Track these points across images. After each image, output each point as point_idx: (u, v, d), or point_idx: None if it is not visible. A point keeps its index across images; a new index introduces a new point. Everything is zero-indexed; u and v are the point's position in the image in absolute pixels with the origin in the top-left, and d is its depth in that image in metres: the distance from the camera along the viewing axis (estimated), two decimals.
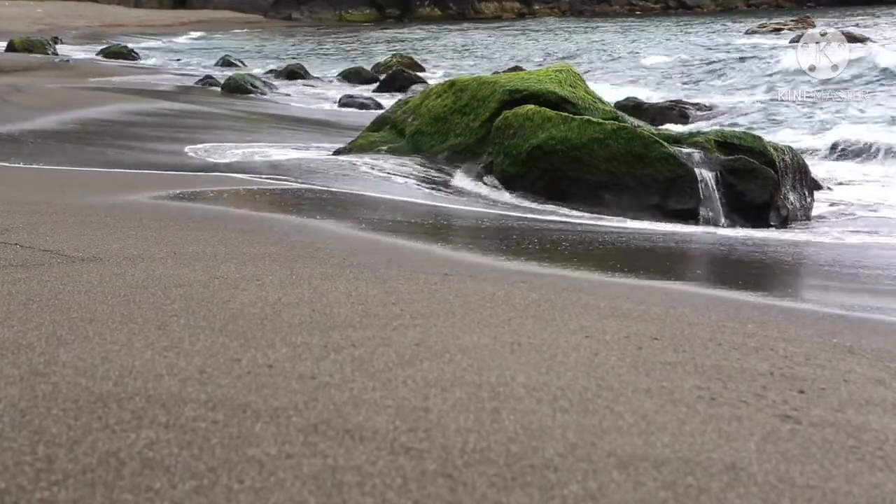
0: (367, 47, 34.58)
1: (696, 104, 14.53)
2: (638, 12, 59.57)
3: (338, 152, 8.65)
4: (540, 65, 21.27)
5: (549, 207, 7.17)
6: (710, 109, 14.26)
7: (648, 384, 2.48)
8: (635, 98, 15.19)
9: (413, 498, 1.78)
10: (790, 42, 23.57)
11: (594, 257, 4.98)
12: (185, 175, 7.05)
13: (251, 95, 16.77)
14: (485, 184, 7.66)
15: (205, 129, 11.01)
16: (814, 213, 7.72)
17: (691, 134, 7.84)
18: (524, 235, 5.61)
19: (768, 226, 7.22)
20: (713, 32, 35.43)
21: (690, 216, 7.12)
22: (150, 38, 39.37)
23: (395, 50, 29.52)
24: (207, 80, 18.46)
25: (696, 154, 7.40)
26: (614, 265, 4.64)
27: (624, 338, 2.94)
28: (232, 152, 8.87)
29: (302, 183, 6.99)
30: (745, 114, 14.03)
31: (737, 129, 9.79)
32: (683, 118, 13.52)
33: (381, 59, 25.85)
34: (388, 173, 7.84)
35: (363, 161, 8.23)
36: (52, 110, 11.17)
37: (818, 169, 9.37)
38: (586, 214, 6.97)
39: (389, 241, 4.84)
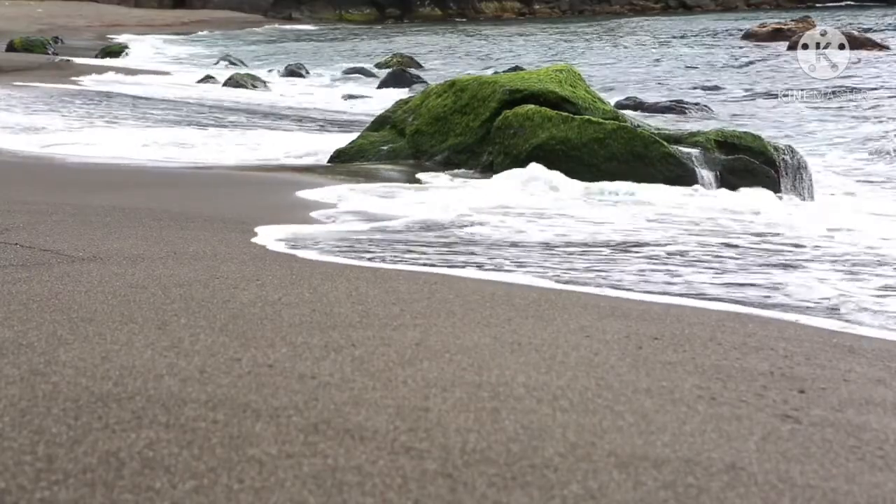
0: (368, 47, 34.55)
1: (697, 104, 14.52)
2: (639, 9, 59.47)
3: (338, 153, 8.62)
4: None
5: None
6: (711, 110, 14.24)
7: (648, 384, 2.48)
8: (636, 98, 15.20)
9: (413, 498, 1.78)
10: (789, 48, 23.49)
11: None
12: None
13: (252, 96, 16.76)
14: None
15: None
16: None
17: (691, 134, 7.84)
18: None
19: None
20: (708, 35, 35.10)
21: None
22: (150, 38, 39.35)
23: (395, 50, 29.49)
24: (207, 80, 18.48)
25: (697, 153, 7.40)
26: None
27: (624, 338, 2.94)
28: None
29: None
30: (752, 115, 13.98)
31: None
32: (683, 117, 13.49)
33: (382, 58, 25.84)
34: None
35: None
36: None
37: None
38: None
39: None
